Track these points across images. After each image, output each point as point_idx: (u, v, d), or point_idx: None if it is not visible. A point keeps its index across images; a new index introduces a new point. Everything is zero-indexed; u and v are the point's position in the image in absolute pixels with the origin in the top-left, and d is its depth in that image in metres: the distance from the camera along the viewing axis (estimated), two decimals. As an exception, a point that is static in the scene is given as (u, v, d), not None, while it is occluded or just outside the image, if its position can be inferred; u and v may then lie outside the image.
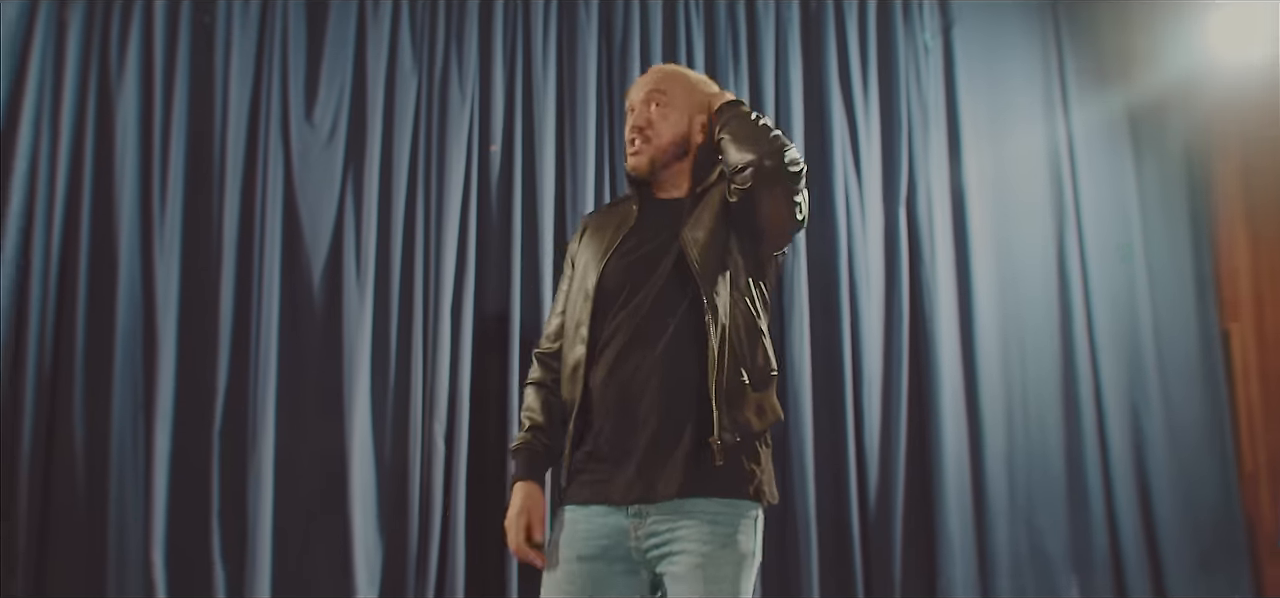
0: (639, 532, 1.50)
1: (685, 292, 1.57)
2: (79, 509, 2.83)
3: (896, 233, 3.37)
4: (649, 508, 1.49)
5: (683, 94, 1.73)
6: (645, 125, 1.71)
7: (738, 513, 1.53)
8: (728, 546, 1.50)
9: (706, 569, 1.47)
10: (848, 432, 3.21)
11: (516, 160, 3.15)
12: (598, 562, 1.52)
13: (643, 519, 1.49)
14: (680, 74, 1.80)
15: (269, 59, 3.06)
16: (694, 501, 1.49)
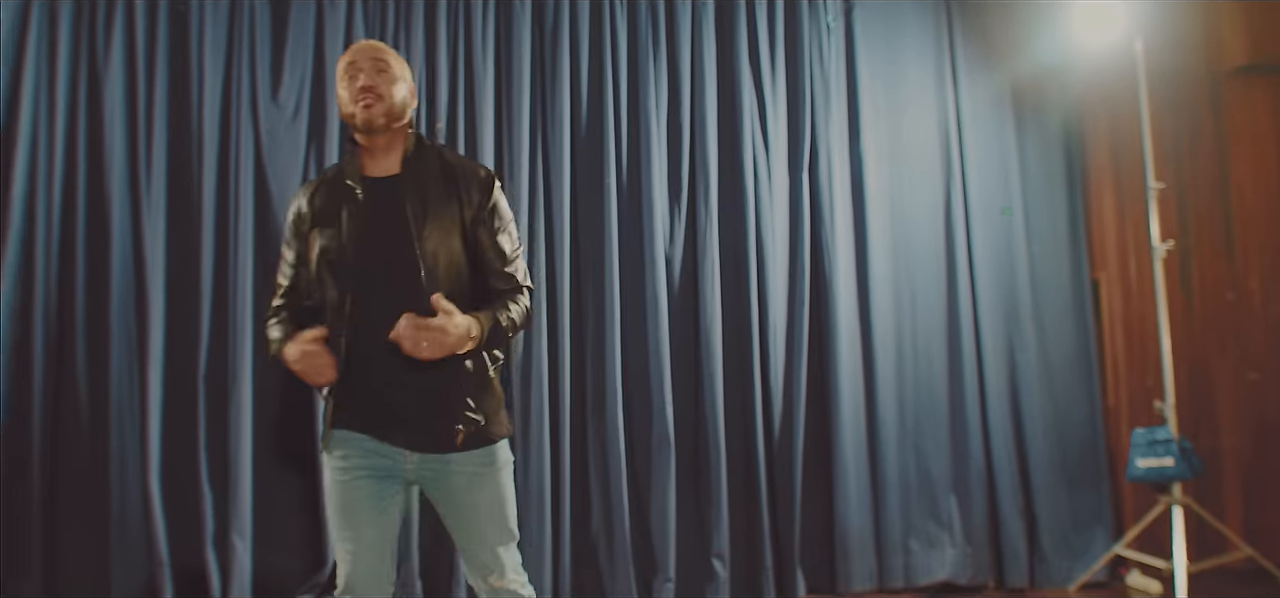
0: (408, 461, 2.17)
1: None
2: (84, 445, 3.65)
3: (800, 197, 4.21)
4: None
5: (403, 73, 2.17)
6: (376, 87, 2.09)
7: None
8: (497, 462, 2.18)
9: (485, 484, 2.17)
10: (754, 372, 4.06)
11: (460, 134, 3.97)
12: (364, 475, 2.12)
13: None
14: (401, 59, 2.21)
15: (238, 45, 3.82)
16: None
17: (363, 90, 2.08)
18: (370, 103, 2.07)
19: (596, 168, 4.13)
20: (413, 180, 2.12)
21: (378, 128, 2.09)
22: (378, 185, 2.12)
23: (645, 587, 3.95)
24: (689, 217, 4.20)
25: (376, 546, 2.08)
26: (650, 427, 4.03)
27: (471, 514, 2.13)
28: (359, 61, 2.11)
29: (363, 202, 2.10)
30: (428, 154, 2.17)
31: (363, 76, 2.09)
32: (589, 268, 4.09)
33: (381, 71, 2.12)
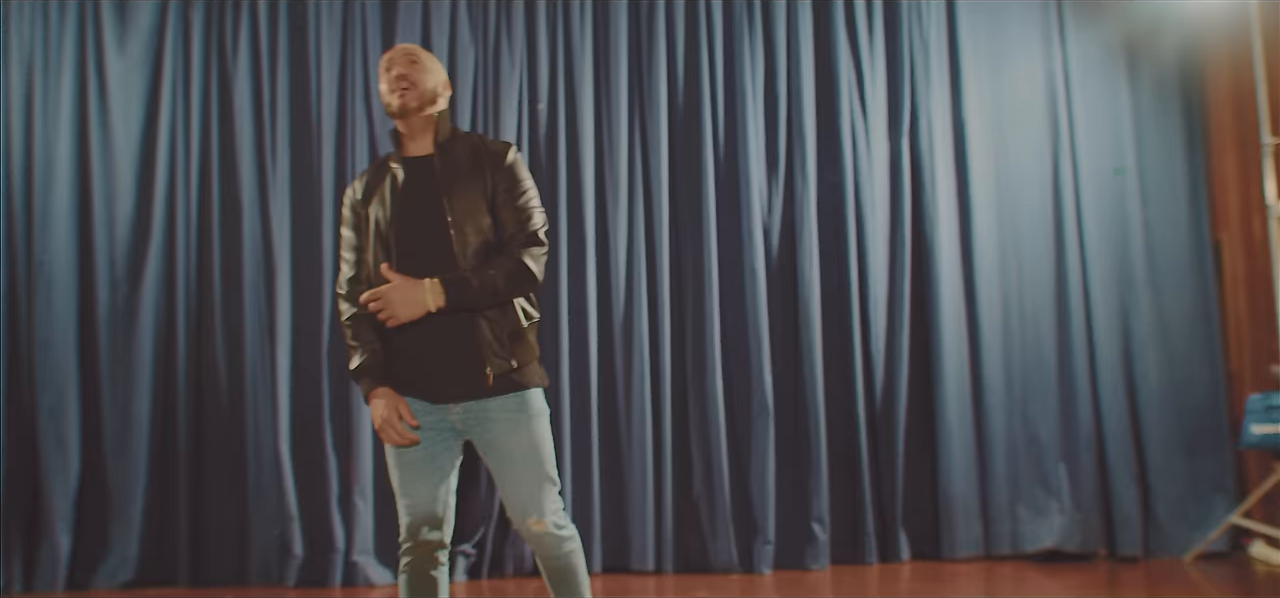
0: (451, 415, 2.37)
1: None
2: (223, 413, 4.11)
3: (900, 164, 4.38)
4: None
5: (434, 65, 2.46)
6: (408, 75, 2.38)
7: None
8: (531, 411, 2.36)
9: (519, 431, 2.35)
10: (854, 340, 4.28)
11: (560, 115, 4.23)
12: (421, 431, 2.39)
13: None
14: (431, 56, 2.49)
15: (352, 40, 4.24)
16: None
17: (397, 78, 2.38)
18: (404, 89, 2.37)
19: (693, 142, 4.37)
20: (444, 159, 2.41)
21: (411, 111, 2.38)
22: (414, 164, 2.43)
23: (745, 549, 4.20)
24: (786, 188, 4.40)
25: (429, 498, 2.37)
26: (749, 395, 4.26)
27: (509, 459, 2.34)
28: (395, 58, 2.42)
29: (402, 179, 2.41)
30: (458, 137, 2.48)
31: (397, 68, 2.39)
32: (687, 240, 4.33)
33: (413, 62, 2.41)
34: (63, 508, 4.08)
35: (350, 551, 4.11)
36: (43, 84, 4.24)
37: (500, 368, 2.32)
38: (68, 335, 4.16)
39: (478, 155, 2.43)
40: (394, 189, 2.39)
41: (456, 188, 2.36)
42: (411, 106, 2.37)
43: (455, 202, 2.35)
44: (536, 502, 2.32)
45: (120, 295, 4.23)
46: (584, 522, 4.22)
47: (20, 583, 4.05)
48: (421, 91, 2.39)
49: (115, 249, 4.23)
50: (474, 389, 2.33)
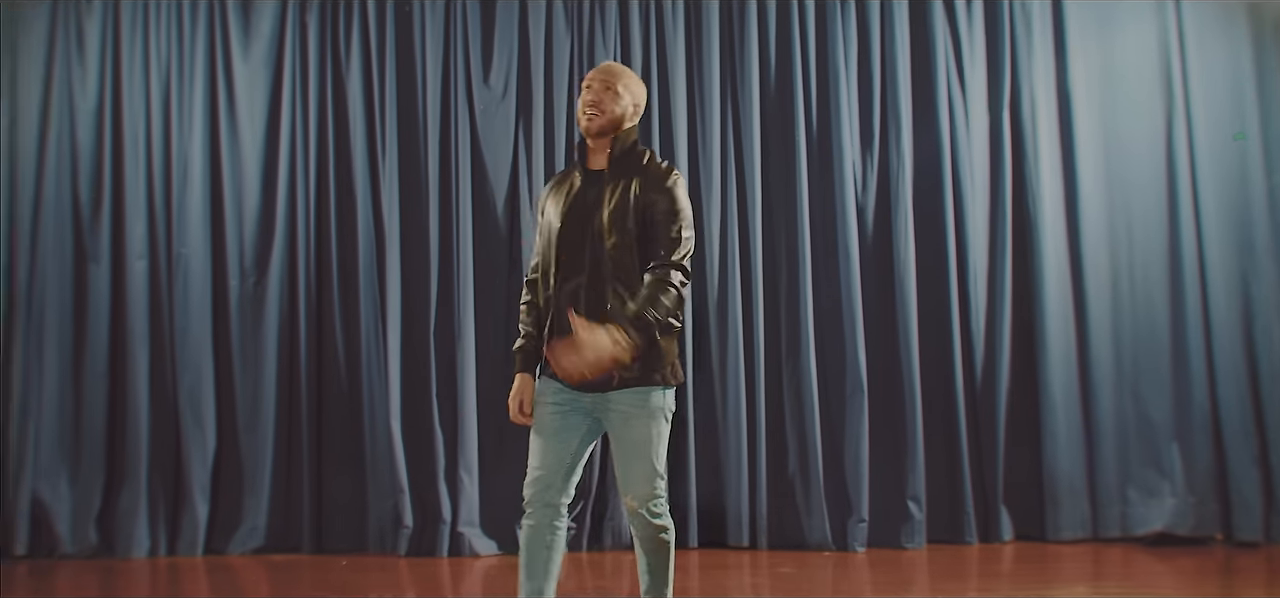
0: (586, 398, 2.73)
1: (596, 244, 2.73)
2: (342, 391, 4.53)
3: (1000, 136, 4.50)
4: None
5: (629, 92, 2.74)
6: (599, 102, 2.69)
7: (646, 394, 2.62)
8: (650, 408, 2.69)
9: (636, 424, 2.60)
10: (953, 317, 4.41)
11: (653, 99, 4.50)
12: (556, 407, 2.73)
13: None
14: (635, 80, 2.79)
15: (454, 36, 4.58)
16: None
17: (589, 103, 2.71)
18: (593, 115, 2.71)
19: (786, 122, 4.55)
20: (613, 173, 2.73)
21: (594, 134, 2.72)
22: (591, 175, 2.78)
23: (839, 527, 4.34)
24: (881, 164, 4.51)
25: (555, 466, 2.71)
26: (844, 373, 4.41)
27: (621, 447, 2.67)
28: (593, 80, 2.75)
29: (577, 188, 2.77)
30: (631, 154, 2.77)
31: (592, 91, 2.72)
32: (780, 220, 4.49)
33: (607, 88, 2.73)
34: (201, 479, 4.57)
35: (455, 522, 4.47)
36: (178, 91, 4.74)
37: (628, 375, 2.59)
38: (203, 322, 4.65)
39: (645, 173, 2.70)
40: (568, 195, 2.73)
41: (614, 199, 2.65)
42: (594, 131, 2.70)
43: (611, 213, 2.64)
44: (638, 488, 2.64)
45: (248, 285, 4.70)
46: (680, 498, 4.47)
47: (165, 547, 4.57)
48: (607, 118, 2.70)
49: (244, 242, 4.70)
50: (600, 383, 2.62)
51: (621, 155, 2.74)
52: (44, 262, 4.65)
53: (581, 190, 2.74)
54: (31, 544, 4.51)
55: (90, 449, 4.61)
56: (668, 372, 2.69)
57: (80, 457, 4.61)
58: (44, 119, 4.74)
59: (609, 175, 2.72)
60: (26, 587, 4.18)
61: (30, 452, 4.56)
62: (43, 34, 4.77)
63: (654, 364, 2.65)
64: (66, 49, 4.77)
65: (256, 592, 4.11)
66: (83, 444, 4.62)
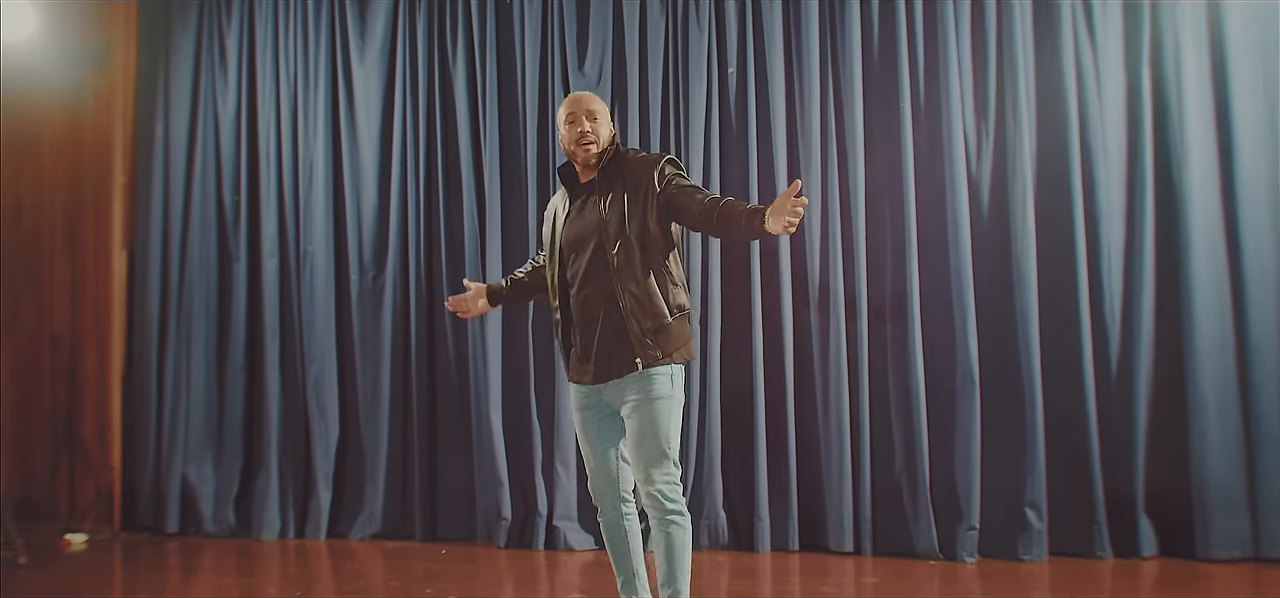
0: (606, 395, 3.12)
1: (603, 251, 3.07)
2: (452, 385, 5.08)
3: (1139, 97, 4.39)
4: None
5: (603, 113, 3.18)
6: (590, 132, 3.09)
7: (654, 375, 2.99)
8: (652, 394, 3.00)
9: (641, 409, 2.95)
10: (1081, 302, 4.27)
11: (749, 76, 4.49)
12: (589, 410, 3.14)
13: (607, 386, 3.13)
14: (600, 100, 3.19)
15: (551, 27, 4.95)
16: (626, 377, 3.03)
17: (581, 137, 3.08)
18: (587, 146, 3.08)
19: (890, 93, 4.51)
20: (603, 182, 3.06)
21: (591, 165, 3.09)
22: (582, 188, 3.14)
23: (949, 534, 4.20)
24: (997, 133, 4.34)
25: (604, 464, 3.11)
26: (954, 366, 4.31)
27: (630, 432, 2.98)
28: (577, 113, 3.12)
29: (573, 204, 3.13)
30: (617, 160, 3.11)
31: (581, 126, 3.08)
32: (885, 199, 4.44)
33: (594, 119, 3.11)
34: (324, 467, 5.10)
35: (551, 516, 4.74)
36: (304, 96, 5.30)
37: (650, 358, 2.94)
38: (328, 316, 5.18)
39: (633, 171, 3.04)
40: (567, 213, 3.13)
41: (611, 208, 3.00)
42: (592, 162, 3.09)
43: (610, 221, 2.98)
44: (647, 472, 2.95)
45: (368, 279, 5.19)
46: (780, 499, 4.54)
47: (294, 530, 5.12)
48: (600, 143, 3.09)
49: (363, 237, 5.18)
50: (608, 371, 3.00)
51: (608, 165, 3.10)
52: (192, 262, 5.36)
53: (578, 207, 3.11)
54: (182, 523, 5.19)
55: (230, 436, 5.28)
56: (675, 353, 2.99)
57: (223, 443, 5.30)
58: (192, 130, 5.47)
59: (600, 186, 3.08)
60: (177, 562, 4.80)
61: (181, 438, 5.29)
62: (190, 50, 5.49)
63: (660, 345, 2.95)
64: (211, 63, 5.47)
65: (372, 576, 4.50)
66: (225, 432, 5.30)
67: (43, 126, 5.61)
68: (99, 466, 5.54)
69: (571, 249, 3.07)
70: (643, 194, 2.99)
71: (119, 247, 5.52)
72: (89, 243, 5.60)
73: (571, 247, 3.08)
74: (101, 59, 5.53)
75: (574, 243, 3.07)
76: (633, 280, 2.93)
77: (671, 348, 2.95)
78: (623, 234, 2.96)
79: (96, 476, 5.54)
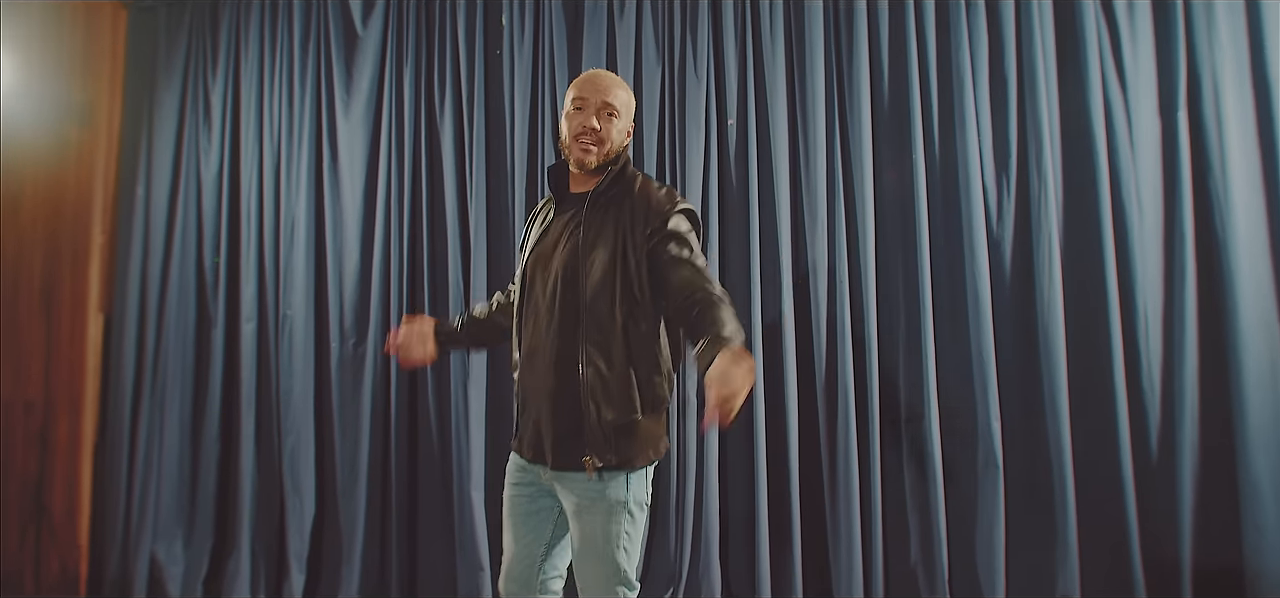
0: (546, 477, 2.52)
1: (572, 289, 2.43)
2: (434, 460, 4.81)
3: (1175, 143, 4.03)
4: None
5: (626, 111, 2.53)
6: (601, 131, 2.45)
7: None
8: (604, 499, 2.37)
9: (586, 517, 2.38)
10: (1115, 372, 3.94)
11: (751, 125, 4.26)
12: (522, 488, 2.60)
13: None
14: (627, 91, 2.55)
15: (542, 78, 4.65)
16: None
17: (587, 132, 2.43)
18: (589, 147, 2.44)
19: (902, 143, 4.19)
20: (599, 201, 2.46)
21: (588, 168, 2.47)
22: (571, 200, 2.53)
23: (969, 630, 3.82)
24: (1019, 187, 4.02)
25: (526, 554, 2.52)
26: (974, 445, 3.97)
27: (573, 543, 2.40)
28: (590, 98, 2.45)
29: (553, 220, 2.54)
30: (623, 181, 2.50)
31: (585, 115, 2.44)
32: (896, 258, 4.15)
33: (611, 116, 2.47)
34: (298, 548, 4.85)
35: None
36: (287, 151, 5.13)
37: (605, 462, 2.33)
38: (306, 385, 4.93)
39: (634, 204, 2.42)
40: (543, 229, 2.54)
41: (598, 223, 2.39)
42: (589, 166, 2.47)
43: (592, 237, 2.38)
44: (592, 596, 2.36)
45: (349, 346, 4.94)
46: (784, 587, 4.10)
47: (265, 616, 4.82)
48: (608, 148, 2.47)
49: (344, 302, 4.95)
50: (546, 455, 2.39)
51: (609, 184, 2.45)
52: (169, 327, 5.16)
53: (557, 224, 2.48)
54: (147, 603, 4.97)
55: (202, 512, 5.04)
56: (638, 458, 2.35)
57: (194, 520, 5.06)
58: (174, 189, 5.31)
59: (593, 204, 2.43)
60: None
61: (151, 514, 5.06)
62: (174, 106, 5.35)
63: (619, 449, 2.32)
64: (195, 119, 5.31)
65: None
66: (196, 507, 5.06)
67: (25, 183, 5.52)
68: (66, 541, 5.33)
69: (534, 274, 2.44)
70: (639, 237, 2.33)
71: (96, 310, 5.39)
72: (66, 305, 5.46)
73: (535, 271, 2.44)
74: (85, 115, 5.44)
75: (538, 267, 2.43)
76: (603, 350, 2.29)
77: (634, 453, 2.32)
78: (607, 282, 2.31)
79: (62, 551, 5.33)
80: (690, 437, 4.26)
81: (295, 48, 5.19)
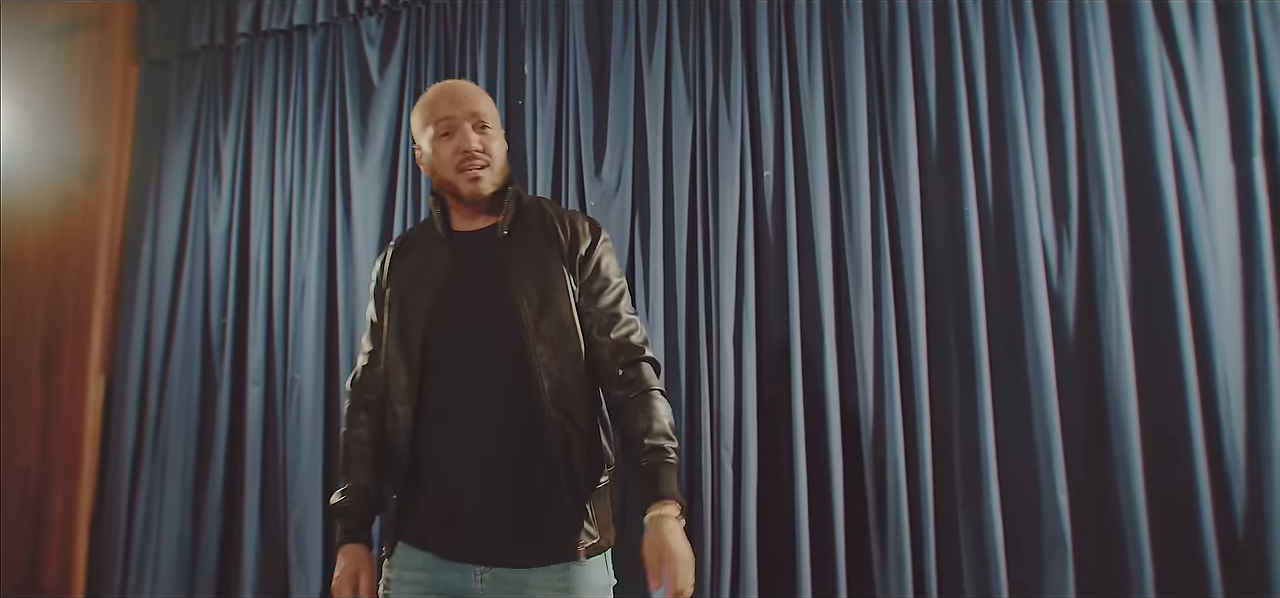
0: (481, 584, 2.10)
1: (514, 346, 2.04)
2: None
3: (1251, 190, 3.75)
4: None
5: (496, 121, 2.21)
6: (484, 150, 2.12)
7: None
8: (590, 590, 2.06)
9: None
10: (1194, 439, 3.67)
11: (789, 182, 4.11)
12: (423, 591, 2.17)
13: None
14: (489, 99, 2.22)
15: (565, 128, 4.42)
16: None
17: (468, 157, 2.08)
18: (477, 175, 2.08)
19: (952, 193, 3.94)
20: (515, 233, 2.10)
21: (485, 195, 2.11)
22: (472, 239, 2.12)
23: None
24: (1081, 241, 3.77)
25: None
26: (1038, 524, 3.68)
27: None
28: (455, 115, 2.10)
29: (450, 261, 2.11)
30: (532, 205, 2.19)
31: (466, 137, 2.09)
32: (948, 319, 3.92)
33: (484, 129, 2.12)
34: (304, 629, 4.51)
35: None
36: (299, 208, 4.94)
37: (590, 541, 1.99)
38: (314, 453, 4.72)
39: (551, 227, 2.11)
40: (437, 273, 2.10)
41: (531, 269, 2.03)
42: (486, 194, 2.11)
43: (528, 287, 2.01)
44: None
45: (360, 412, 4.63)
46: None
47: (267, 704, 4.53)
48: (498, 166, 2.13)
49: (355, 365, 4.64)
50: (526, 552, 1.97)
51: (517, 207, 2.11)
52: (172, 391, 4.95)
53: (459, 266, 2.06)
54: (142, 690, 4.68)
55: (202, 587, 4.84)
56: (608, 530, 2.06)
57: (194, 595, 4.73)
58: (181, 246, 5.13)
59: (514, 235, 2.07)
60: None
61: (148, 588, 4.77)
62: (184, 161, 5.20)
63: (599, 514, 2.02)
64: (204, 174, 5.16)
65: None
66: (196, 582, 4.84)
67: (28, 240, 5.36)
68: (59, 622, 5.11)
69: (452, 335, 2.02)
70: (569, 264, 2.04)
71: (96, 372, 5.19)
72: (66, 368, 5.26)
73: (453, 329, 2.02)
74: (92, 170, 5.29)
75: (459, 323, 2.02)
76: (572, 401, 1.95)
77: (606, 522, 2.02)
78: (560, 324, 1.97)
79: (54, 634, 5.11)
80: (725, 520, 3.98)
81: (309, 100, 5.04)
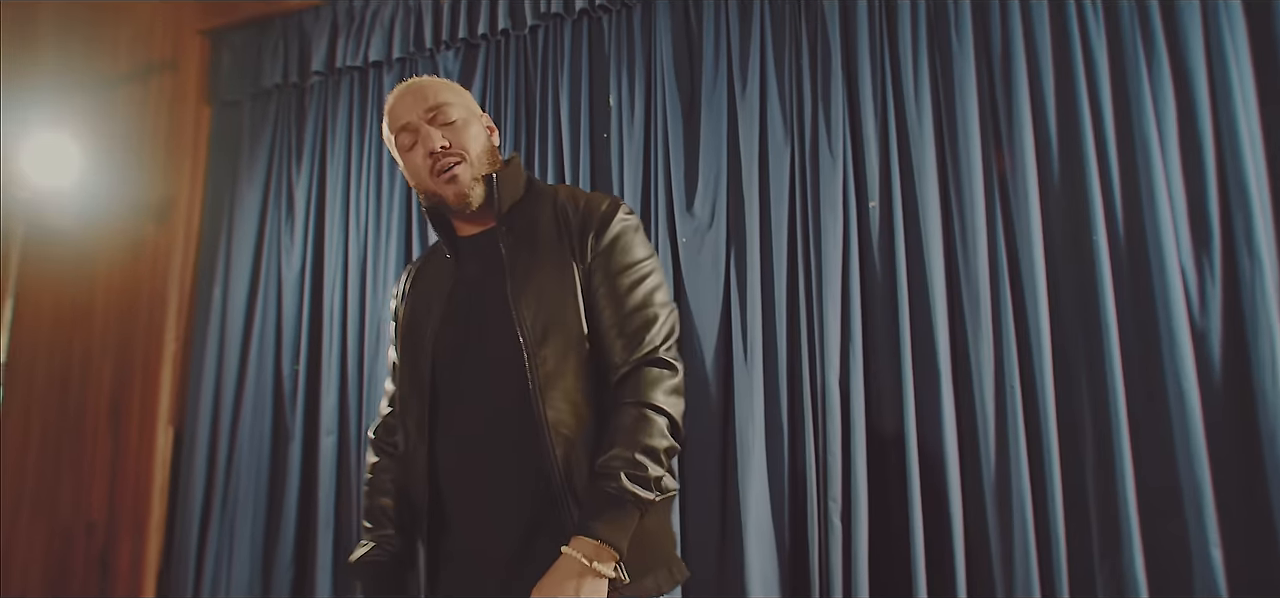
0: None
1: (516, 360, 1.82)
2: None
3: None
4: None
5: (467, 105, 1.97)
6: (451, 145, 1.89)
7: None
8: None
9: None
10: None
11: (897, 214, 3.84)
12: None
13: None
14: (454, 86, 1.99)
15: (654, 161, 4.22)
16: None
17: (437, 155, 1.89)
18: (453, 174, 1.89)
19: (1078, 222, 3.62)
20: (513, 231, 1.90)
21: (469, 196, 1.91)
22: (472, 249, 1.95)
23: None
24: (1226, 269, 3.49)
25: None
26: (1190, 576, 3.36)
27: None
28: (412, 120, 1.90)
29: (452, 275, 1.95)
30: (534, 194, 1.96)
31: (428, 138, 1.89)
32: (1078, 360, 3.63)
33: (448, 123, 1.91)
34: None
35: None
36: (374, 250, 4.79)
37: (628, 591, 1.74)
38: (389, 505, 4.43)
39: (565, 218, 1.90)
40: (441, 289, 1.95)
41: (532, 271, 1.83)
42: (472, 195, 1.92)
43: (521, 276, 1.83)
44: None
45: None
46: None
47: None
48: (471, 156, 1.91)
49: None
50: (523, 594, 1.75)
51: (516, 201, 1.92)
52: (242, 442, 4.81)
53: (466, 278, 1.90)
54: None
55: None
56: (663, 573, 1.81)
57: (263, 661, 4.58)
58: (252, 291, 5.02)
59: (506, 238, 1.87)
60: None
61: (215, 652, 4.59)
62: (256, 203, 5.09)
63: (641, 561, 1.75)
64: (277, 216, 5.04)
65: None
66: (267, 646, 4.58)
67: (98, 287, 5.29)
68: (125, 682, 4.96)
69: (458, 356, 1.85)
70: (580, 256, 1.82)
71: (165, 423, 5.07)
72: (134, 418, 5.15)
73: (459, 349, 1.86)
74: (163, 213, 5.22)
75: (463, 340, 1.86)
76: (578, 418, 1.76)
77: (652, 558, 1.77)
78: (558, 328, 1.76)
79: (120, 693, 4.96)
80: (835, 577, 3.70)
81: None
